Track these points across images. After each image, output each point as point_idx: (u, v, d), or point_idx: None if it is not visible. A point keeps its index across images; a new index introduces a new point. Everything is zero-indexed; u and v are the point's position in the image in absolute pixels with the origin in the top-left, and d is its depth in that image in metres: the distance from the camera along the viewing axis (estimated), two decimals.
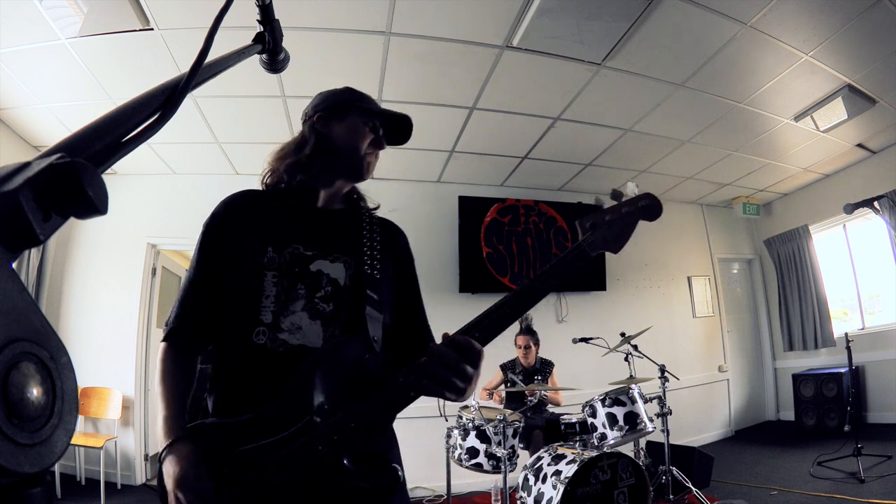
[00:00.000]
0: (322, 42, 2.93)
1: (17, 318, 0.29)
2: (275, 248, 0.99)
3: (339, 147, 1.08)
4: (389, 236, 1.14)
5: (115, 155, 0.42)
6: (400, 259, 1.15)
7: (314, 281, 0.99)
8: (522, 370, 3.83)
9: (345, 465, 0.84)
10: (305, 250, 1.00)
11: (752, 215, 6.21)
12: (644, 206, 1.04)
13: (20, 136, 3.90)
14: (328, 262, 1.01)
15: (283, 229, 1.02)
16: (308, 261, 1.00)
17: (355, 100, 1.12)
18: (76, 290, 4.38)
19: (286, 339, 0.94)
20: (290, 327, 0.95)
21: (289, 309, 0.96)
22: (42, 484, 0.29)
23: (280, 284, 0.97)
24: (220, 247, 1.01)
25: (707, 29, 2.95)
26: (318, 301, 0.98)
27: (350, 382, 0.92)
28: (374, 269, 1.05)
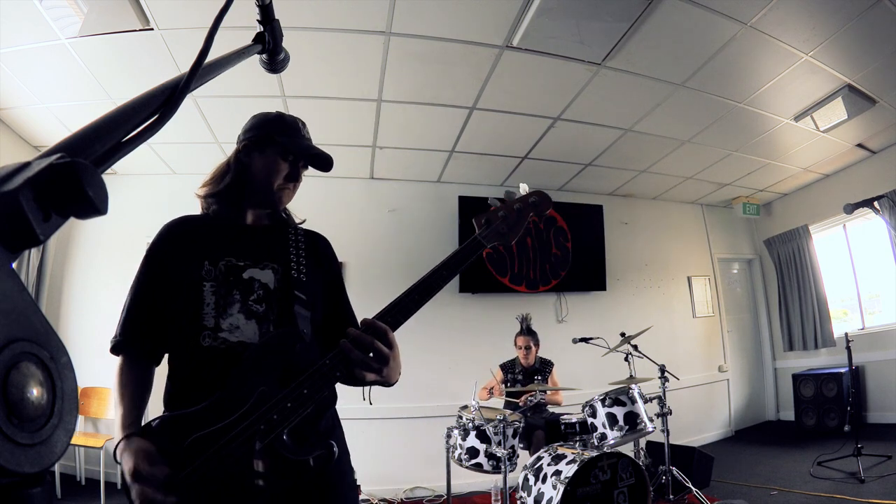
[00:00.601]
0: (322, 42, 2.93)
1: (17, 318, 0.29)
2: (210, 262, 1.11)
3: (255, 180, 1.20)
4: (313, 244, 1.27)
5: (115, 155, 0.42)
6: (324, 263, 1.27)
7: (247, 287, 1.12)
8: (522, 370, 3.83)
9: (283, 440, 0.94)
10: (238, 261, 1.13)
11: (752, 215, 6.21)
12: (534, 202, 1.18)
13: (20, 136, 3.90)
14: (259, 270, 1.14)
15: (217, 245, 1.14)
16: (241, 270, 1.13)
17: (278, 132, 1.20)
18: (76, 290, 4.38)
19: (226, 338, 1.06)
20: (229, 327, 1.07)
21: (227, 312, 1.08)
22: (42, 484, 0.29)
23: (218, 293, 1.09)
24: (161, 265, 1.13)
25: (707, 29, 2.95)
26: (252, 303, 1.11)
27: (284, 369, 1.02)
28: (300, 273, 1.18)
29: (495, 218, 1.15)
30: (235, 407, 0.95)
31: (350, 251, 4.71)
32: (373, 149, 4.39)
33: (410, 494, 4.28)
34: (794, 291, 5.86)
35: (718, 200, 6.22)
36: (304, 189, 4.47)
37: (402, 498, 4.24)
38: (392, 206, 4.95)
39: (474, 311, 4.91)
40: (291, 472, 0.95)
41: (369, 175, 4.92)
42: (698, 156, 4.81)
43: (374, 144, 4.32)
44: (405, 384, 5.09)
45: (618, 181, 5.37)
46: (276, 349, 1.05)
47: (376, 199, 4.93)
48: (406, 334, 4.15)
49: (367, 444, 4.26)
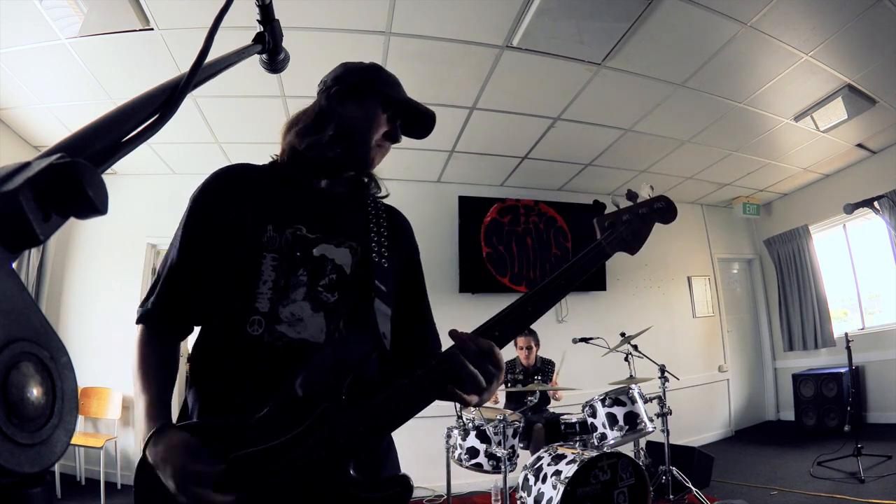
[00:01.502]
0: (322, 42, 2.93)
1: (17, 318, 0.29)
2: (275, 227, 0.89)
3: (348, 131, 0.97)
4: (397, 224, 1.06)
5: (115, 155, 0.42)
6: (407, 249, 1.06)
7: (317, 267, 0.90)
8: (523, 370, 3.83)
9: (350, 474, 0.76)
10: (309, 232, 0.91)
11: (752, 215, 6.21)
12: (659, 207, 1.03)
13: (20, 136, 3.90)
14: (333, 247, 0.92)
15: (285, 207, 0.92)
16: (311, 244, 0.91)
17: (380, 82, 1.01)
18: (76, 290, 4.38)
19: (285, 332, 0.85)
20: (289, 318, 0.86)
21: (289, 297, 0.87)
22: (42, 484, 0.29)
23: (280, 269, 0.87)
24: (209, 222, 0.90)
25: (707, 29, 2.95)
26: (322, 290, 0.89)
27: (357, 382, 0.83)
28: (381, 258, 0.96)
29: (620, 222, 0.98)
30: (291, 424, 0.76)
31: None
32: None
33: None
34: (794, 291, 5.86)
35: (718, 200, 6.22)
36: None
37: None
38: (392, 205, 4.95)
39: (474, 312, 4.88)
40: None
41: None
42: (698, 156, 4.81)
43: None
44: None
45: (618, 181, 5.37)
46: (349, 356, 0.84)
47: None
48: None
49: None
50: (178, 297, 0.89)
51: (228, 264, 0.87)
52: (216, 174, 0.95)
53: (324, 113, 0.99)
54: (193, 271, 0.89)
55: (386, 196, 1.09)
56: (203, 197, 0.93)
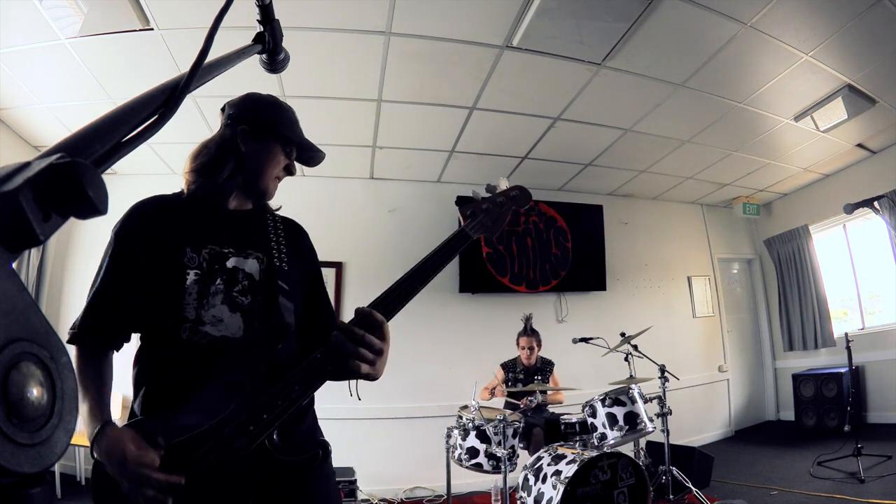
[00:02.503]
0: (322, 42, 2.93)
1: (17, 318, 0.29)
2: (192, 249, 1.04)
3: (249, 167, 1.12)
4: (293, 232, 1.23)
5: (115, 155, 0.42)
6: (304, 252, 1.23)
7: (231, 276, 1.06)
8: (523, 369, 3.83)
9: (275, 441, 0.91)
10: (222, 248, 1.07)
11: (752, 215, 6.21)
12: (514, 195, 1.19)
13: (20, 136, 3.90)
14: (242, 259, 1.08)
15: (199, 230, 1.07)
16: (225, 258, 1.06)
17: (278, 122, 1.15)
18: (76, 290, 4.38)
19: (208, 332, 1.00)
20: (211, 320, 1.01)
21: (209, 303, 1.02)
22: (42, 484, 0.29)
23: (201, 282, 1.02)
24: (133, 251, 1.03)
25: (707, 29, 2.95)
26: (237, 294, 1.05)
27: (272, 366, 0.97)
28: (282, 263, 1.13)
29: (479, 210, 1.15)
30: (220, 407, 0.90)
31: (350, 251, 4.71)
32: (373, 149, 4.39)
33: (410, 494, 4.28)
34: (794, 291, 5.86)
35: (718, 200, 6.22)
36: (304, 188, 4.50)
37: (402, 498, 4.24)
38: (392, 206, 4.95)
39: (474, 312, 4.91)
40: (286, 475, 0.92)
41: (369, 175, 4.92)
42: (698, 156, 4.81)
43: (374, 144, 4.32)
44: (405, 384, 5.08)
45: (618, 181, 5.37)
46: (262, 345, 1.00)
47: (376, 199, 4.93)
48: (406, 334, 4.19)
49: (367, 444, 4.26)
50: (103, 318, 1.02)
51: (156, 283, 1.01)
52: (137, 207, 1.10)
53: (225, 148, 1.12)
54: (118, 295, 1.02)
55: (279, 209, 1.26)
56: (124, 230, 1.06)
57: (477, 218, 1.13)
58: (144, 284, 1.01)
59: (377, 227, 4.88)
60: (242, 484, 0.89)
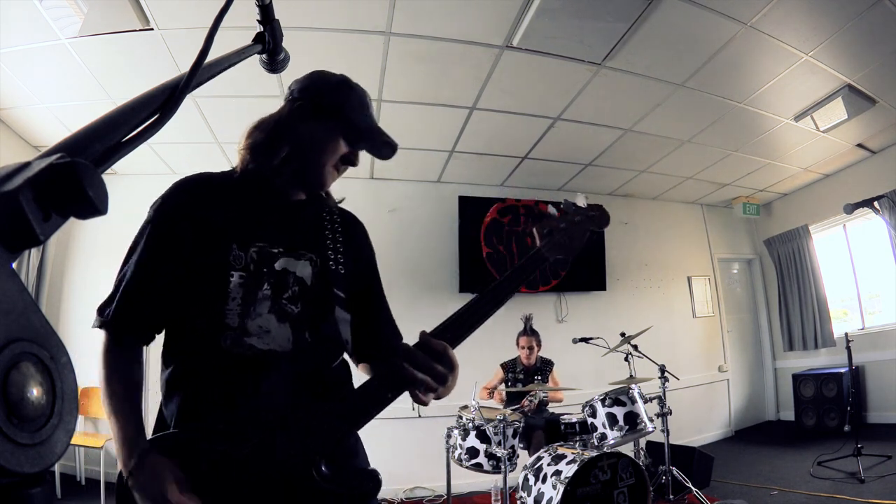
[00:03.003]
0: (322, 42, 2.93)
1: (17, 318, 0.29)
2: (239, 246, 0.91)
3: (303, 151, 0.98)
4: (351, 229, 1.09)
5: (115, 155, 0.42)
6: (362, 252, 1.10)
7: (280, 280, 0.93)
8: (523, 369, 3.83)
9: (322, 471, 0.81)
10: (271, 247, 0.93)
11: (752, 215, 6.21)
12: (593, 215, 1.10)
13: (20, 136, 3.90)
14: (293, 260, 0.95)
15: (247, 224, 0.94)
16: (274, 258, 0.93)
17: (347, 106, 0.99)
18: (76, 290, 4.38)
19: (254, 344, 0.89)
20: (257, 330, 0.89)
21: (255, 311, 0.90)
22: (42, 484, 0.29)
23: (246, 286, 0.89)
24: (172, 236, 0.91)
25: (707, 29, 2.95)
26: (286, 302, 0.92)
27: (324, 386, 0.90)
28: (338, 265, 0.99)
29: (557, 229, 1.04)
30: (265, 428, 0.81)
31: None
32: None
33: (410, 494, 4.28)
34: (794, 291, 5.86)
35: (718, 200, 6.22)
36: None
37: (402, 498, 4.24)
38: (392, 206, 4.95)
39: None
40: None
41: (369, 175, 4.92)
42: (698, 156, 4.81)
43: None
44: None
45: (618, 181, 5.37)
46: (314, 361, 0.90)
47: (376, 199, 4.93)
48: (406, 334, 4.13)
49: (366, 444, 4.25)
50: (135, 308, 0.90)
51: (196, 281, 0.89)
52: (177, 186, 0.96)
53: (282, 127, 0.98)
54: (151, 283, 0.90)
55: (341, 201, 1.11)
56: (165, 210, 0.93)
57: (554, 237, 1.03)
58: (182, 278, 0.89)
59: (377, 227, 4.80)
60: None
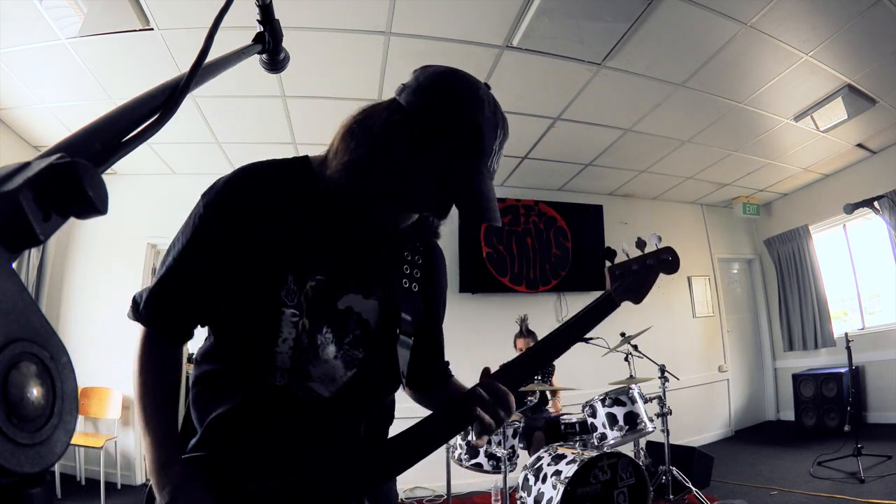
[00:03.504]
0: (322, 42, 2.93)
1: (17, 318, 0.29)
2: (296, 279, 0.78)
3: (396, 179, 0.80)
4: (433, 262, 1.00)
5: (115, 155, 0.42)
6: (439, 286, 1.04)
7: (342, 322, 0.81)
8: None
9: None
10: (333, 282, 0.81)
11: (752, 215, 6.21)
12: (665, 259, 1.09)
13: (20, 136, 3.90)
14: (360, 298, 0.83)
15: (310, 248, 0.80)
16: (336, 296, 0.81)
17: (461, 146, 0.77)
18: (76, 290, 4.38)
19: (316, 389, 0.80)
20: (322, 377, 0.80)
21: (319, 357, 0.80)
22: (42, 484, 0.29)
23: (300, 325, 0.78)
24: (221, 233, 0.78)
25: (707, 29, 2.95)
26: (348, 347, 0.82)
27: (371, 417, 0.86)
28: (409, 298, 0.90)
29: (629, 273, 1.07)
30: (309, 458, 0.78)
31: None
32: None
33: (410, 494, 4.28)
34: (794, 291, 5.86)
35: (718, 200, 6.22)
36: None
37: (402, 498, 4.24)
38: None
39: (474, 312, 4.91)
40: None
41: None
42: (698, 156, 4.81)
43: None
44: None
45: (618, 181, 5.37)
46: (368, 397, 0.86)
47: None
48: None
49: None
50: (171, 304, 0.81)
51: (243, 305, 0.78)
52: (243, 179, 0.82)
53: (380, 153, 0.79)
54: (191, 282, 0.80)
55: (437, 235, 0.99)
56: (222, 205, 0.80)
57: (626, 282, 1.06)
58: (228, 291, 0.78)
59: None
60: None
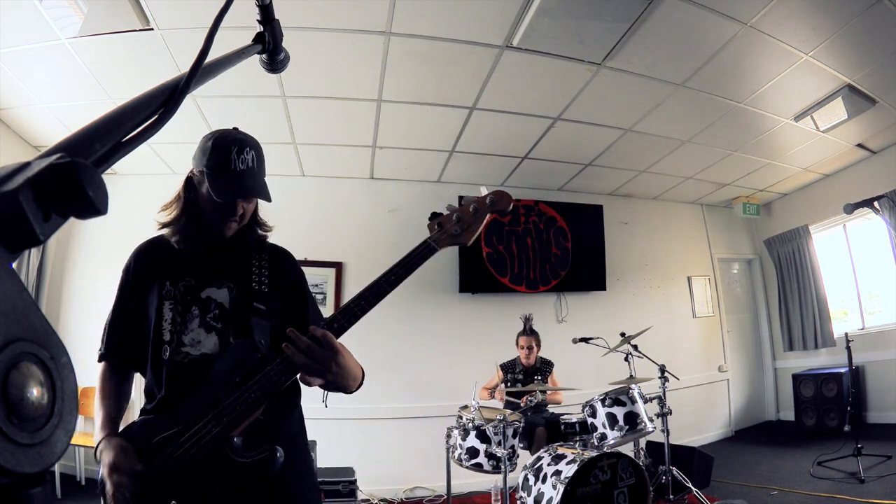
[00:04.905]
0: (322, 42, 2.93)
1: (17, 318, 0.29)
2: (171, 283, 1.22)
3: (202, 213, 1.24)
4: (277, 259, 1.34)
5: (115, 155, 0.42)
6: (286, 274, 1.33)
7: (204, 305, 1.21)
8: (523, 370, 3.83)
9: (234, 442, 1.05)
10: (196, 282, 1.23)
11: (752, 215, 6.21)
12: (491, 200, 1.22)
13: (20, 136, 3.90)
14: (215, 289, 1.23)
15: (178, 266, 1.24)
16: (198, 289, 1.22)
17: (210, 168, 1.19)
18: (76, 290, 4.38)
19: (189, 352, 1.17)
20: (191, 342, 1.18)
21: (188, 328, 1.19)
22: (42, 484, 0.29)
23: (175, 310, 1.20)
24: (131, 287, 1.26)
25: (707, 29, 2.95)
26: (210, 320, 1.20)
27: (241, 377, 1.10)
28: (261, 285, 1.26)
29: (448, 221, 1.20)
30: (198, 413, 1.05)
31: (350, 251, 4.71)
32: (373, 149, 4.39)
33: (410, 494, 4.28)
34: (794, 291, 5.86)
35: (718, 200, 6.22)
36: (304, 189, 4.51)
37: (402, 498, 4.24)
38: (392, 206, 4.95)
39: (474, 312, 4.91)
40: (236, 473, 1.04)
41: (369, 175, 4.92)
42: (698, 156, 4.81)
43: (374, 144, 4.32)
44: (405, 384, 5.08)
45: (618, 181, 5.37)
46: (236, 359, 1.14)
47: (376, 199, 4.93)
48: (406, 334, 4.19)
49: (366, 443, 4.26)
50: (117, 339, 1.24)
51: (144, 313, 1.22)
52: (136, 250, 1.32)
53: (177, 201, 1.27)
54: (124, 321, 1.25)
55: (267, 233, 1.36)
56: (127, 269, 1.30)
57: (444, 228, 1.20)
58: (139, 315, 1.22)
59: (377, 227, 4.87)
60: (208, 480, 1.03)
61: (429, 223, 1.21)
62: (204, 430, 1.03)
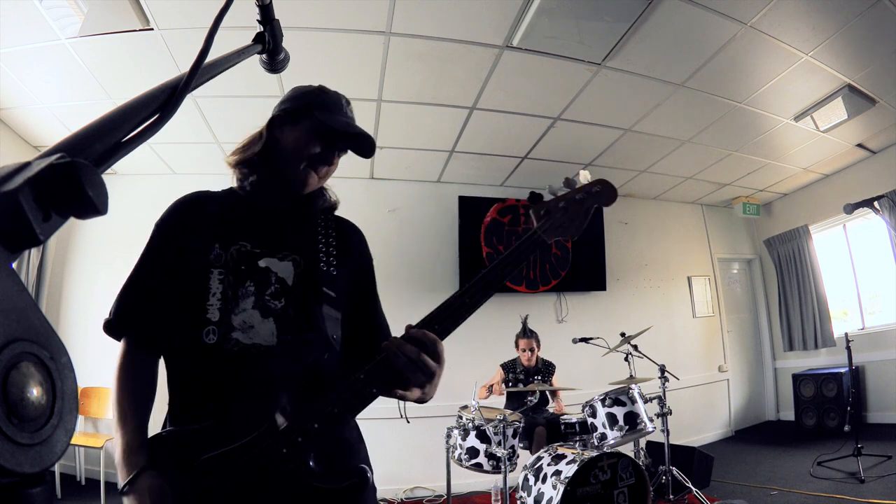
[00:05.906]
0: (322, 42, 2.93)
1: (17, 318, 0.29)
2: (221, 245, 0.96)
3: (282, 157, 1.03)
4: (346, 235, 1.12)
5: (115, 155, 0.42)
6: (357, 258, 1.12)
7: (263, 278, 0.96)
8: (524, 370, 3.83)
9: (310, 466, 0.83)
10: (253, 248, 0.98)
11: (752, 215, 6.21)
12: (597, 191, 1.06)
13: (20, 136, 3.90)
14: (276, 260, 0.99)
15: (231, 227, 1.00)
16: (255, 258, 0.97)
17: (316, 106, 1.03)
18: (76, 290, 4.38)
19: (238, 338, 0.91)
20: (241, 325, 0.92)
21: (239, 306, 0.93)
22: (42, 484, 0.29)
23: (226, 281, 0.94)
24: (167, 247, 0.99)
25: (707, 29, 2.95)
26: (269, 298, 0.95)
27: (310, 382, 0.91)
28: (330, 266, 1.03)
29: (556, 210, 1.01)
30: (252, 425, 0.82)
31: None
32: None
33: (410, 494, 4.28)
34: (794, 291, 5.86)
35: (718, 200, 6.22)
36: None
37: (402, 498, 4.24)
38: (392, 206, 4.95)
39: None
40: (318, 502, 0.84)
41: (369, 175, 4.92)
42: (698, 156, 4.81)
43: None
44: None
45: (618, 181, 5.37)
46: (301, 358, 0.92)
47: (376, 199, 4.93)
48: None
49: (366, 443, 4.25)
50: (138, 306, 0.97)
51: (181, 282, 0.95)
52: (175, 204, 1.05)
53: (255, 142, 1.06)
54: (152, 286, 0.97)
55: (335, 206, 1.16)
56: (163, 225, 1.02)
57: (552, 218, 0.99)
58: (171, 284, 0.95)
59: (377, 227, 4.87)
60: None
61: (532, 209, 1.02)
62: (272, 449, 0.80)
